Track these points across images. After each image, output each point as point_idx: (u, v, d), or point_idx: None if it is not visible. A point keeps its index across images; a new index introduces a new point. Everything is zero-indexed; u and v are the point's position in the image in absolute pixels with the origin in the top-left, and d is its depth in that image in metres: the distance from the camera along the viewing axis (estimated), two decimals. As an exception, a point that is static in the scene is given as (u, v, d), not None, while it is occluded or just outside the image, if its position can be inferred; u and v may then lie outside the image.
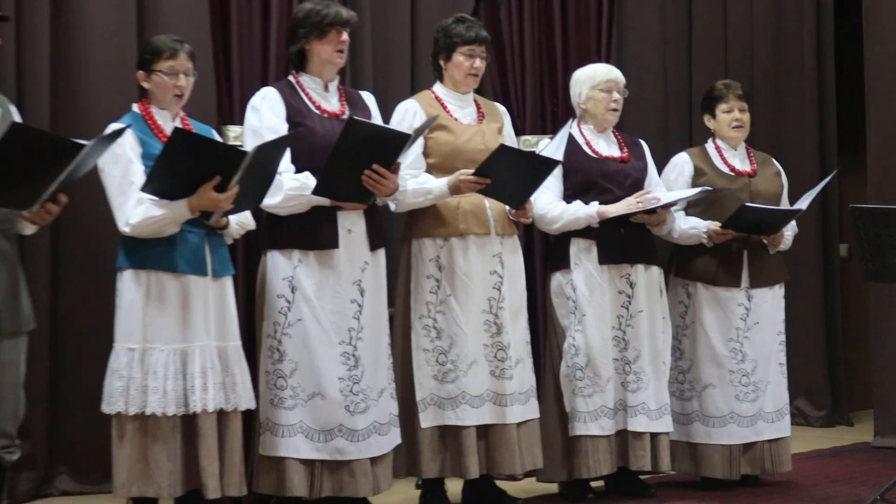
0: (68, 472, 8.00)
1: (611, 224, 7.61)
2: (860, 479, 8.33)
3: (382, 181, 6.66)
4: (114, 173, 6.21)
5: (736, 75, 10.43)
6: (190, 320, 6.31)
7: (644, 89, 10.39)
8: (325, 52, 6.91)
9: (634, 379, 7.71)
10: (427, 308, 7.26)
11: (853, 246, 9.68)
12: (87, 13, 8.04)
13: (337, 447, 6.73)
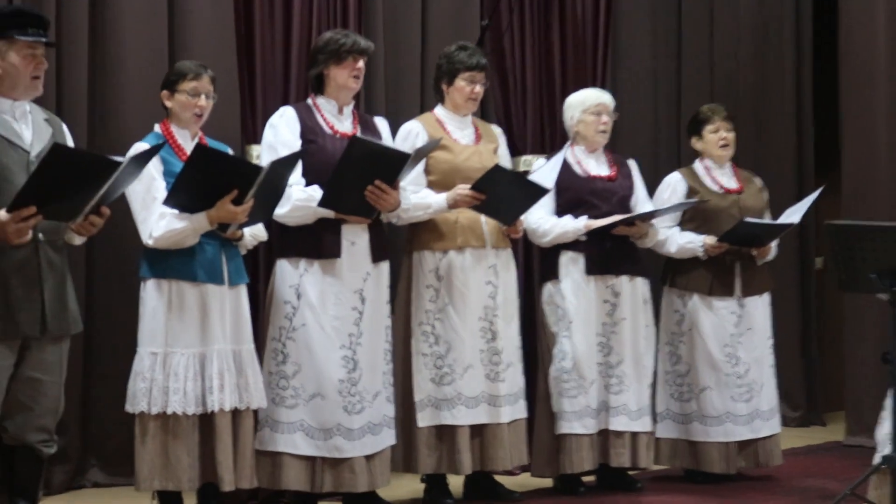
0: (99, 465, 8.03)
1: (598, 238, 7.66)
2: (833, 475, 8.35)
3: (384, 196, 6.72)
4: (137, 190, 6.27)
5: (721, 99, 10.42)
6: (208, 326, 6.37)
7: (636, 113, 10.41)
8: (342, 77, 6.98)
9: (617, 382, 7.77)
10: (426, 315, 7.32)
11: (828, 259, 9.67)
12: (122, 41, 8.06)
13: (335, 445, 6.79)
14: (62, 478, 7.80)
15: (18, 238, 5.47)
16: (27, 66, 5.78)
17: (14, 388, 5.80)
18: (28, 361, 5.83)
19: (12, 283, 5.65)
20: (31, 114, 5.91)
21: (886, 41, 9.51)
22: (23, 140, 5.80)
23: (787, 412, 11.01)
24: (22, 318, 5.69)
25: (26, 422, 5.90)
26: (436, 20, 9.14)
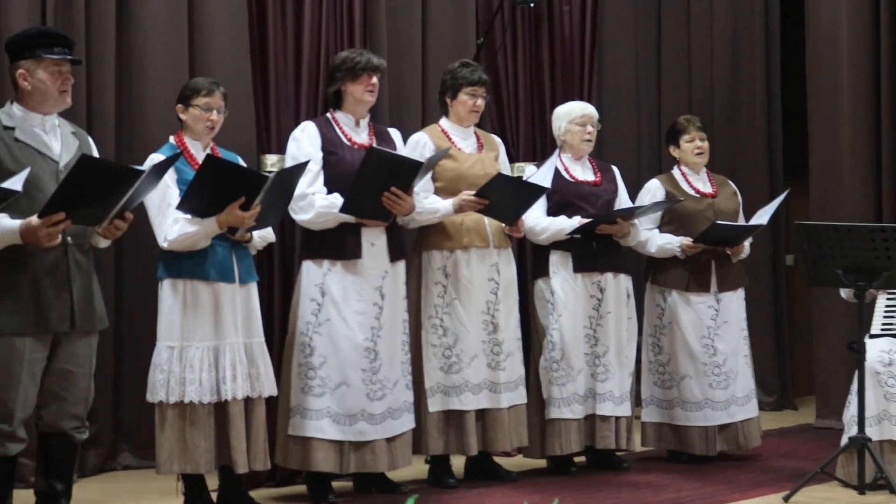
0: (129, 449, 8.09)
1: (584, 238, 7.67)
2: (804, 455, 8.35)
3: (399, 202, 6.77)
4: (153, 197, 6.25)
5: (698, 112, 10.47)
6: (220, 321, 6.38)
7: (619, 123, 10.44)
8: (358, 92, 7.01)
9: (603, 371, 7.78)
10: (435, 310, 7.34)
11: (798, 256, 9.69)
12: (146, 60, 8.12)
13: (359, 429, 6.83)
14: (95, 461, 7.87)
15: (49, 241, 5.50)
16: (55, 82, 5.81)
17: (48, 380, 5.84)
18: (60, 355, 5.86)
19: (43, 283, 5.69)
20: (60, 127, 5.95)
21: (849, 59, 9.50)
22: (52, 151, 5.83)
23: (761, 397, 10.97)
24: (52, 315, 5.72)
25: (60, 410, 5.93)
26: (435, 39, 9.15)
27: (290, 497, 7.13)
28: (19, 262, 5.64)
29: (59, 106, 5.89)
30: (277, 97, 7.53)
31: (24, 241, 5.50)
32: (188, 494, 6.57)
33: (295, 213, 6.84)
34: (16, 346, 5.67)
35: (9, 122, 5.76)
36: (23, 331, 5.67)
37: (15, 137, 5.73)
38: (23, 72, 5.80)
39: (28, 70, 5.80)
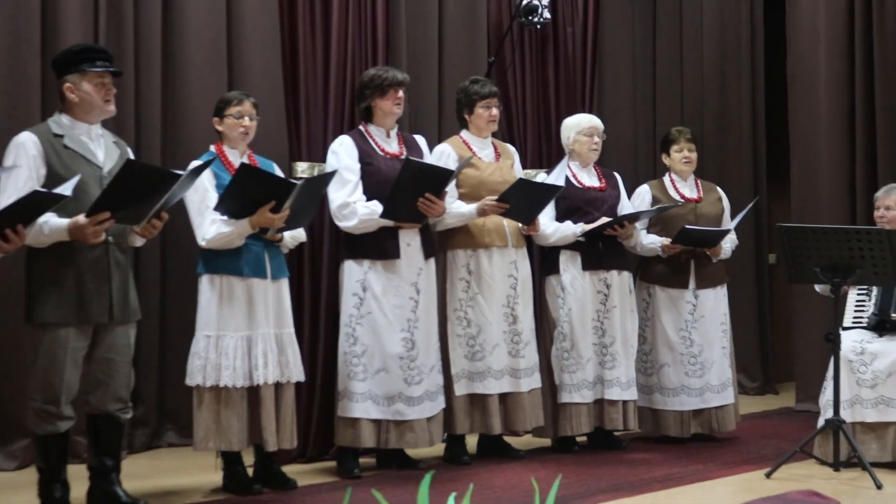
0: (173, 429, 8.14)
1: (592, 239, 7.70)
2: (784, 436, 8.34)
3: (433, 206, 6.88)
4: (194, 199, 6.36)
5: (689, 124, 10.48)
6: (253, 313, 6.44)
7: (618, 134, 10.44)
8: (386, 106, 7.09)
9: (610, 359, 7.80)
10: (459, 303, 7.39)
11: (779, 255, 9.69)
12: (188, 73, 8.16)
13: (398, 410, 6.94)
14: (142, 440, 7.93)
15: (94, 238, 5.59)
16: (98, 93, 5.89)
17: (92, 368, 5.93)
18: (101, 345, 5.93)
19: (86, 278, 5.76)
20: (103, 137, 6.03)
21: (825, 79, 9.52)
22: (97, 158, 5.91)
23: (746, 383, 11.06)
24: (94, 307, 5.80)
25: (105, 395, 6.01)
26: (450, 57, 9.15)
27: (319, 471, 7.15)
28: (65, 257, 5.71)
29: (104, 114, 5.97)
30: (307, 110, 7.55)
31: (70, 237, 5.58)
32: (227, 470, 6.63)
33: (339, 221, 6.92)
34: (60, 335, 5.73)
35: (58, 131, 5.83)
36: (67, 321, 5.73)
37: (64, 144, 5.80)
38: (69, 85, 5.88)
39: (74, 83, 5.87)
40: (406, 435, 6.99)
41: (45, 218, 5.54)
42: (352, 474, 6.98)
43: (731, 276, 8.63)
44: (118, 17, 7.80)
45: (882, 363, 7.22)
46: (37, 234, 5.59)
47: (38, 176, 5.68)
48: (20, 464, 7.25)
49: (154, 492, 6.51)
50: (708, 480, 6.93)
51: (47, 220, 5.57)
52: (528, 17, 8.74)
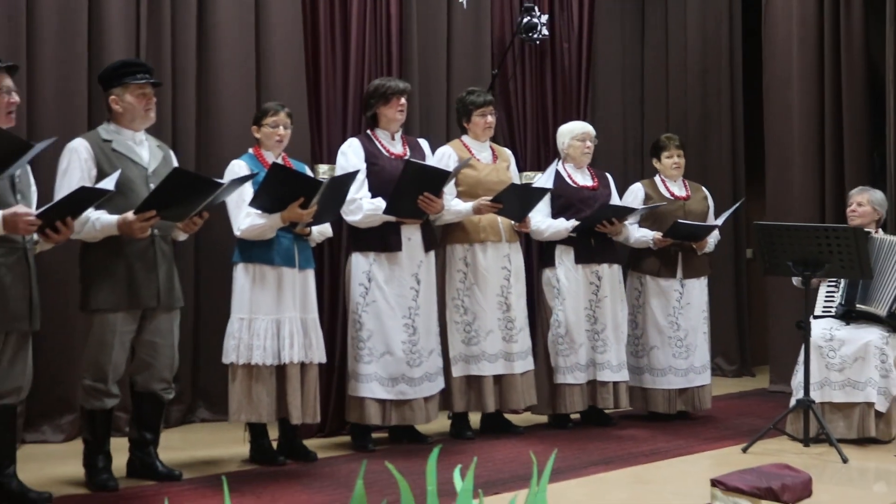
0: (205, 405, 8.16)
1: (584, 234, 7.71)
2: (759, 414, 8.35)
3: (432, 204, 6.87)
4: (232, 194, 6.32)
5: (674, 130, 10.47)
6: (282, 299, 6.45)
7: (609, 139, 10.42)
8: (390, 112, 7.10)
9: (601, 344, 7.81)
10: (457, 293, 7.40)
11: (755, 250, 9.70)
12: (221, 85, 8.18)
13: (400, 390, 6.95)
14: (177, 415, 7.95)
15: (142, 234, 5.63)
16: (140, 103, 5.94)
17: (139, 351, 5.98)
18: (147, 329, 5.97)
19: (136, 268, 5.81)
20: (147, 141, 6.07)
21: (798, 89, 9.51)
22: (142, 160, 5.95)
23: (724, 366, 11.06)
24: (143, 293, 5.84)
25: (150, 376, 6.05)
26: (458, 69, 9.15)
27: (337, 445, 7.15)
28: (116, 250, 5.75)
29: (146, 122, 6.01)
30: (328, 117, 7.55)
31: (119, 232, 5.62)
32: (254, 443, 6.64)
33: (346, 215, 6.93)
34: (109, 320, 5.77)
35: (107, 136, 5.89)
36: (117, 307, 5.77)
37: (112, 148, 5.85)
38: (114, 97, 5.93)
39: (118, 95, 5.92)
40: (406, 413, 7.02)
41: (96, 214, 5.61)
42: (366, 448, 7.00)
43: (712, 268, 8.62)
44: (157, 36, 7.81)
45: (849, 349, 7.23)
46: (89, 230, 5.65)
47: (90, 176, 5.73)
48: (66, 437, 7.27)
49: (187, 463, 6.52)
50: (690, 455, 6.94)
51: (99, 217, 5.63)
52: (529, 33, 8.73)
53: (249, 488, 5.87)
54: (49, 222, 5.15)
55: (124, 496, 5.68)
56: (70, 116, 7.30)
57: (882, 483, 6.11)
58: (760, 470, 5.22)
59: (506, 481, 5.92)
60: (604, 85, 10.96)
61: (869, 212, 7.67)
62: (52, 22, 7.34)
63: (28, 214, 5.09)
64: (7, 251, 5.28)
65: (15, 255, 5.32)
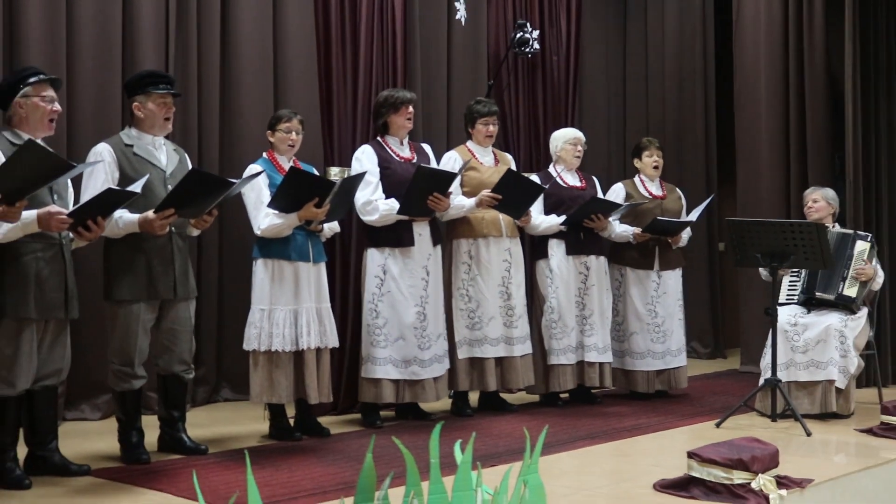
0: (228, 386, 8.15)
1: (574, 229, 7.74)
2: (731, 392, 8.36)
3: (440, 204, 6.92)
4: (251, 196, 6.41)
5: (654, 133, 10.53)
6: (299, 290, 6.45)
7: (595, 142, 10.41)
8: (400, 120, 7.11)
9: (589, 328, 7.83)
10: (462, 283, 7.42)
11: (727, 244, 9.70)
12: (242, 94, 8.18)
13: (412, 371, 6.98)
14: (203, 395, 7.94)
15: (161, 231, 5.65)
16: (160, 111, 5.94)
17: (160, 337, 6.01)
18: (167, 317, 5.99)
19: (154, 262, 5.82)
20: (165, 145, 6.06)
21: (766, 97, 9.51)
22: (161, 163, 5.95)
23: (700, 349, 11.07)
24: (160, 285, 5.85)
25: (171, 359, 6.07)
26: (457, 80, 9.17)
27: (348, 422, 7.16)
28: (136, 246, 5.76)
29: (164, 130, 6.01)
30: (339, 124, 7.55)
31: (140, 230, 5.64)
32: (273, 421, 6.66)
33: (363, 216, 6.95)
34: (133, 309, 5.79)
35: (128, 141, 5.89)
36: (139, 298, 5.78)
37: (133, 152, 5.86)
38: (137, 104, 5.92)
39: (141, 102, 5.92)
40: (417, 392, 7.04)
41: (119, 213, 5.60)
42: (375, 425, 7.01)
43: (687, 261, 8.64)
44: (185, 49, 7.80)
45: (812, 333, 7.26)
46: (112, 227, 5.65)
47: (113, 178, 5.73)
48: (103, 415, 7.28)
49: (213, 438, 6.52)
50: (668, 430, 6.95)
51: (121, 216, 5.63)
52: (521, 47, 8.75)
53: (269, 461, 5.88)
54: (80, 221, 5.17)
55: (155, 468, 5.69)
56: (105, 123, 7.28)
57: (842, 454, 6.11)
58: (732, 443, 5.22)
59: (502, 454, 5.93)
60: (589, 93, 10.97)
61: (824, 206, 7.73)
62: (90, 37, 7.35)
63: (60, 213, 5.11)
64: (45, 246, 5.30)
65: (52, 250, 5.34)
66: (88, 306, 6.59)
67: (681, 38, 11.44)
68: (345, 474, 5.52)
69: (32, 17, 7.01)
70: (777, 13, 9.45)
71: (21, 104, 5.32)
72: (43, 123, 5.35)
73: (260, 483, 3.65)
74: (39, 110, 5.33)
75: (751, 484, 4.91)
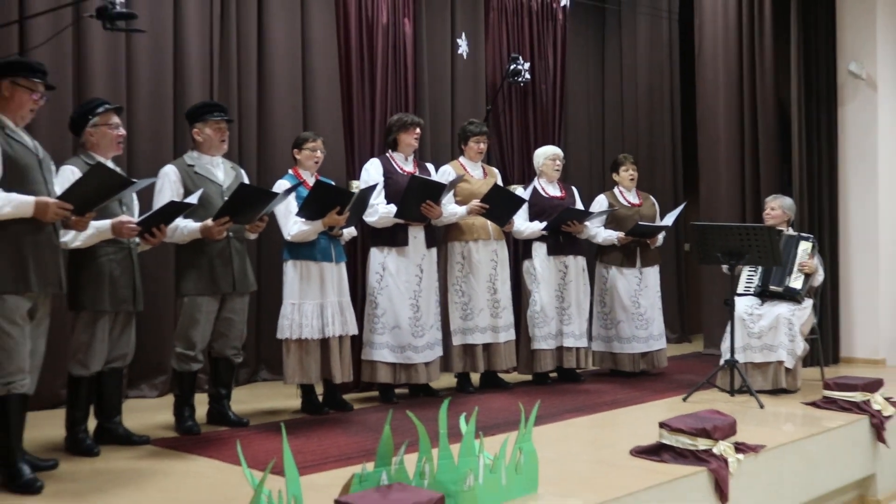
0: (266, 368, 8.18)
1: (555, 233, 7.77)
2: (696, 372, 8.33)
3: (432, 210, 6.91)
4: (280, 207, 6.38)
5: (628, 149, 10.56)
6: (324, 287, 6.46)
7: (578, 158, 10.46)
8: (407, 139, 7.11)
9: (567, 318, 7.83)
10: (456, 280, 7.42)
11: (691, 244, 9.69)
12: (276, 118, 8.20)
13: (407, 356, 6.95)
14: (245, 376, 7.97)
15: (219, 235, 5.73)
16: (216, 135, 6.01)
17: (218, 325, 6.02)
18: (225, 308, 6.02)
19: (216, 262, 5.86)
20: (223, 164, 6.10)
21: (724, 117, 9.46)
22: (218, 179, 6.00)
23: (668, 335, 10.95)
24: (222, 281, 5.89)
25: (224, 344, 6.09)
26: (459, 105, 9.21)
27: (368, 399, 7.17)
28: (200, 248, 5.83)
29: (220, 150, 6.05)
30: (359, 143, 7.56)
31: (202, 236, 5.72)
32: (304, 398, 6.68)
33: (365, 217, 6.91)
34: (197, 302, 5.84)
35: (190, 161, 5.95)
36: (203, 292, 5.85)
37: (195, 171, 5.91)
38: (197, 129, 5.99)
39: (200, 129, 5.98)
40: (412, 373, 7.01)
41: (184, 223, 5.72)
42: (391, 400, 7.02)
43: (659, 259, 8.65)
44: (226, 81, 7.86)
45: (765, 321, 7.26)
46: (179, 235, 5.75)
47: (178, 194, 5.80)
48: (159, 393, 7.33)
49: (253, 412, 6.55)
50: (642, 403, 6.94)
51: (186, 224, 5.73)
52: (515, 77, 8.75)
53: (301, 432, 5.90)
54: (146, 228, 5.28)
55: (205, 438, 5.71)
56: (159, 143, 7.35)
57: (790, 424, 6.12)
58: (697, 415, 5.24)
59: (500, 425, 5.93)
60: (573, 116, 10.98)
61: (780, 214, 7.72)
62: (145, 72, 7.40)
63: (130, 222, 5.22)
64: (116, 250, 5.37)
65: (122, 253, 5.40)
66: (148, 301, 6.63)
67: (650, 70, 11.45)
68: (366, 443, 5.53)
69: (97, 55, 7.06)
70: (732, 47, 9.43)
71: (91, 132, 5.40)
72: (112, 146, 5.43)
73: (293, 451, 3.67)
74: (108, 136, 5.40)
75: (713, 449, 4.92)
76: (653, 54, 11.46)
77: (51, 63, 6.45)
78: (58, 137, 6.47)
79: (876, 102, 9.07)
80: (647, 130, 11.42)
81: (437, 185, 6.93)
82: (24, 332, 4.56)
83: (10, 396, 4.53)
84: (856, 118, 9.17)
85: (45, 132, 6.50)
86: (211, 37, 7.74)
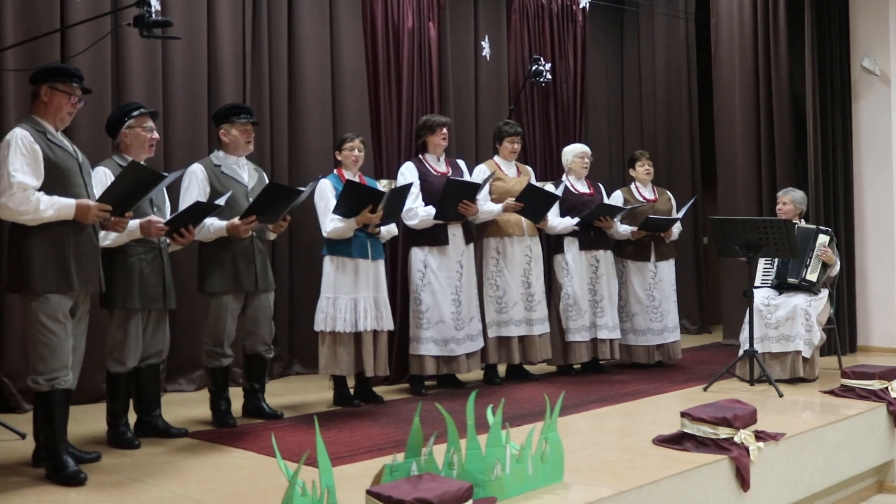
0: (299, 362, 8.15)
1: (585, 228, 7.74)
2: (716, 362, 8.31)
3: (469, 208, 6.93)
4: (320, 204, 6.44)
5: (647, 147, 10.52)
6: (359, 282, 6.44)
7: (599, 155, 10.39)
8: (436, 140, 7.11)
9: (600, 311, 7.81)
10: (491, 274, 7.39)
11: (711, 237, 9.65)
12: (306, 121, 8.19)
13: (450, 349, 6.99)
14: (278, 370, 7.96)
15: (245, 234, 5.75)
16: (242, 136, 6.00)
17: (245, 322, 6.03)
18: (250, 306, 6.01)
19: (239, 261, 5.85)
20: (247, 165, 6.10)
21: (741, 112, 9.44)
22: (243, 179, 6.00)
23: (689, 325, 11.01)
24: (245, 280, 5.88)
25: (255, 341, 6.09)
26: (483, 105, 9.19)
27: (398, 391, 7.17)
28: (225, 246, 5.81)
29: (246, 151, 6.04)
30: (386, 143, 7.57)
31: (228, 234, 5.73)
32: (336, 390, 6.66)
33: (406, 221, 6.95)
34: (223, 299, 5.84)
35: (217, 161, 5.95)
36: (227, 290, 5.83)
37: (221, 171, 5.91)
38: (223, 131, 5.99)
39: (226, 130, 5.98)
40: (453, 365, 7.03)
41: (210, 220, 5.69)
42: (420, 393, 7.02)
43: (678, 252, 8.58)
44: (258, 85, 7.86)
45: (782, 312, 7.21)
46: (205, 233, 5.74)
47: (205, 193, 5.79)
48: (197, 387, 7.33)
49: (287, 405, 6.55)
50: (664, 394, 6.92)
51: (212, 222, 5.71)
52: (536, 77, 8.73)
53: (334, 424, 5.90)
54: (175, 228, 5.29)
55: (240, 431, 5.72)
56: (194, 145, 7.35)
57: (809, 412, 6.08)
58: (718, 404, 5.21)
59: (526, 416, 5.92)
60: (593, 114, 10.94)
61: (791, 209, 7.69)
62: (181, 76, 7.41)
63: (158, 222, 5.22)
64: (146, 249, 5.37)
65: (152, 252, 5.40)
66: (184, 299, 6.65)
67: (668, 68, 11.39)
68: (396, 434, 5.53)
69: (135, 62, 7.07)
70: (748, 45, 9.40)
71: (126, 134, 5.39)
72: (144, 148, 5.41)
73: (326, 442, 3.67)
74: (141, 138, 5.39)
75: (734, 438, 4.89)
76: (670, 54, 11.40)
77: (91, 70, 6.52)
78: (98, 141, 6.49)
79: (889, 97, 8.99)
80: (666, 128, 11.37)
81: (473, 185, 6.97)
82: (67, 330, 4.61)
83: (54, 392, 4.59)
84: (870, 113, 9.09)
85: (85, 136, 6.57)
86: (243, 42, 7.74)
